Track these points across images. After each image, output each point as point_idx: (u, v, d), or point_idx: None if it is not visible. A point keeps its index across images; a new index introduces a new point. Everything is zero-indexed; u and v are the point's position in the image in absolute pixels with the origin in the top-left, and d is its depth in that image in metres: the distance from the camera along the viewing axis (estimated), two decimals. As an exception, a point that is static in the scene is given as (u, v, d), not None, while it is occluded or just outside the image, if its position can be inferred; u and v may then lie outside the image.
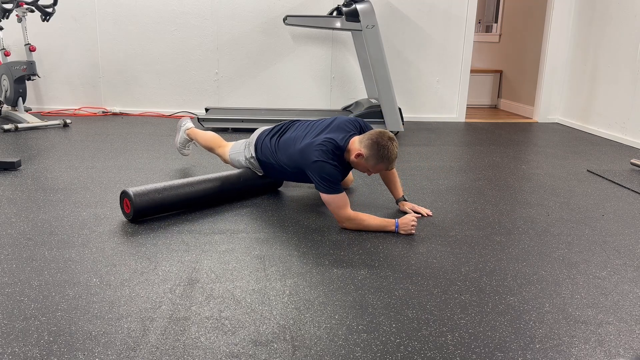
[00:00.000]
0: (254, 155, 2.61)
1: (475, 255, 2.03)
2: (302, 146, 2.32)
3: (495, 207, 2.62)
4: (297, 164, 2.36)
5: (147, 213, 2.28)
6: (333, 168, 2.22)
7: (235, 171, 2.64)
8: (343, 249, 2.06)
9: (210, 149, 2.94)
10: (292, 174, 2.49)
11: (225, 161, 2.85)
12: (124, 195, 2.25)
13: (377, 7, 4.60)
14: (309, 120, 2.56)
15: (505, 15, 6.43)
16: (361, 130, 2.41)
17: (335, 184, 2.22)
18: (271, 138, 2.54)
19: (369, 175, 2.42)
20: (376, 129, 2.31)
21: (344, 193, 2.24)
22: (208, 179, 2.48)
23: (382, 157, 2.22)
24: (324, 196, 2.23)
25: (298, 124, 2.56)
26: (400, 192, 2.56)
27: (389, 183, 2.57)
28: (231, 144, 2.83)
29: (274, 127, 2.63)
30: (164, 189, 2.32)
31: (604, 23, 4.63)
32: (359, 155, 2.24)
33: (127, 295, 1.64)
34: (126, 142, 3.80)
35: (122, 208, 2.29)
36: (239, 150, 2.72)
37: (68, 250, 1.96)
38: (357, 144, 2.26)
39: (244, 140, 2.78)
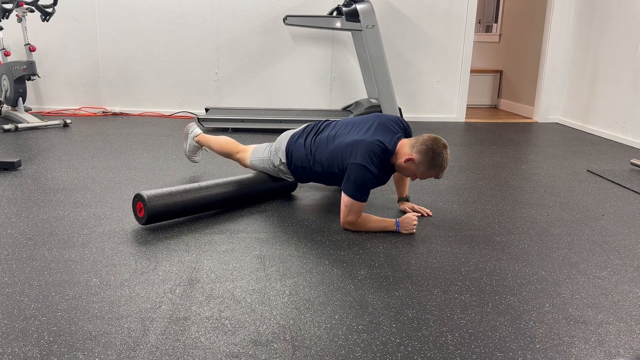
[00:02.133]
0: (284, 161, 2.47)
1: (475, 255, 2.03)
2: (351, 141, 2.20)
3: (495, 207, 2.62)
4: (336, 160, 2.24)
5: (161, 217, 2.21)
6: (372, 178, 2.14)
7: (249, 174, 2.57)
8: (343, 249, 2.06)
9: (227, 155, 2.79)
10: (322, 174, 2.38)
11: (246, 166, 2.71)
12: (137, 198, 2.17)
13: (377, 7, 4.60)
14: (345, 119, 2.45)
15: (505, 15, 6.43)
16: (405, 131, 2.33)
17: (365, 192, 2.16)
18: (305, 139, 2.42)
19: (412, 180, 2.30)
20: (427, 134, 2.20)
21: (365, 203, 2.18)
22: (223, 183, 2.41)
23: (435, 165, 2.13)
24: (347, 198, 2.16)
25: (334, 122, 2.45)
26: (405, 192, 2.55)
27: (398, 181, 2.54)
28: (251, 148, 2.69)
29: (304, 128, 2.50)
30: (179, 192, 2.24)
31: (604, 23, 4.63)
32: (409, 160, 2.14)
33: (127, 295, 1.64)
34: (126, 142, 3.80)
35: (134, 211, 2.21)
36: (263, 157, 2.58)
37: (68, 250, 1.96)
38: (408, 148, 2.16)
39: (266, 144, 2.64)
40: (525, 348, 1.43)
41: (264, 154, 2.59)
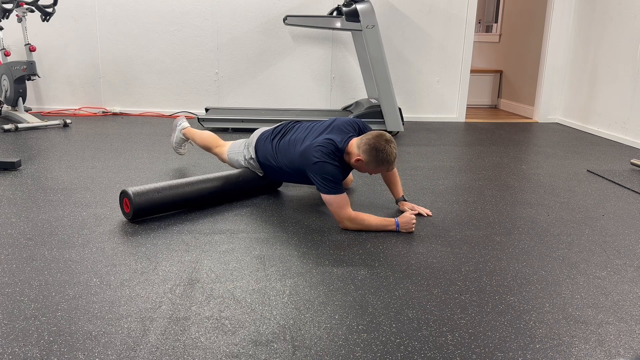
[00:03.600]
0: (253, 156, 2.61)
1: (475, 255, 2.03)
2: (302, 148, 2.32)
3: (495, 207, 2.62)
4: (298, 166, 2.36)
5: (147, 212, 2.28)
6: (334, 168, 2.23)
7: (235, 171, 2.64)
8: (343, 249, 2.06)
9: (207, 149, 2.94)
10: (293, 175, 2.49)
11: (223, 160, 2.85)
12: (123, 194, 2.25)
13: (377, 7, 4.60)
14: (309, 122, 2.56)
15: (505, 15, 6.43)
16: (359, 132, 2.40)
17: (337, 184, 2.22)
18: (272, 140, 2.54)
19: (370, 174, 2.41)
20: (373, 131, 2.30)
21: (345, 193, 2.24)
22: (208, 179, 2.49)
23: (381, 160, 2.22)
24: (325, 196, 2.23)
25: (298, 125, 2.56)
26: (401, 192, 2.56)
27: (389, 183, 2.57)
28: (229, 143, 2.83)
29: (274, 128, 2.62)
30: (164, 188, 2.32)
31: (604, 23, 4.63)
32: (358, 160, 2.24)
33: (127, 295, 1.64)
34: (126, 142, 3.80)
35: (121, 208, 2.29)
36: (238, 150, 2.72)
37: (68, 250, 1.96)
38: (356, 149, 2.25)
39: (242, 140, 2.78)
40: (525, 348, 1.43)
41: (239, 147, 2.73)
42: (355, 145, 2.26)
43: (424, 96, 5.20)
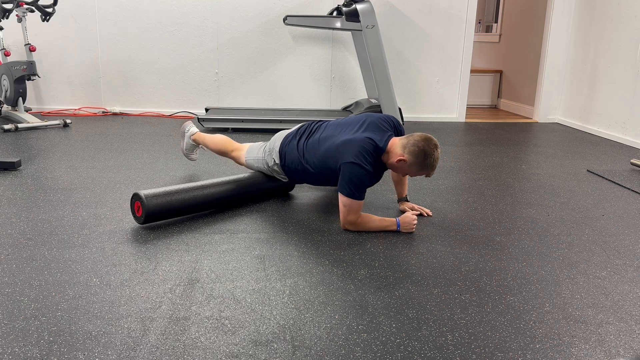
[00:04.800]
0: (278, 162, 2.49)
1: (475, 255, 2.03)
2: (341, 142, 2.21)
3: (495, 207, 2.62)
4: (327, 163, 2.26)
5: (159, 217, 2.22)
6: (366, 174, 2.15)
7: (246, 174, 2.58)
8: (343, 249, 2.06)
9: (223, 153, 2.83)
10: (317, 176, 2.39)
11: (241, 164, 2.74)
12: (135, 197, 2.18)
13: (377, 7, 4.60)
14: (336, 120, 2.46)
15: (505, 15, 6.43)
16: (395, 129, 2.33)
17: (361, 190, 2.16)
18: (298, 141, 2.44)
19: (403, 176, 2.38)
20: (419, 133, 2.20)
21: (363, 201, 2.19)
22: (221, 182, 2.42)
23: (427, 165, 2.15)
24: (344, 198, 2.17)
25: (325, 124, 2.46)
26: (405, 192, 2.56)
27: (397, 182, 2.55)
28: (246, 146, 2.72)
29: (297, 130, 2.52)
30: (177, 191, 2.25)
31: (604, 23, 4.63)
32: (401, 160, 2.16)
33: (127, 295, 1.64)
34: (126, 142, 3.80)
35: (132, 211, 2.22)
36: (258, 157, 2.61)
37: (68, 250, 1.96)
38: (400, 149, 2.16)
39: (260, 143, 2.68)
40: (525, 348, 1.43)
41: (258, 153, 2.62)
42: (400, 145, 2.17)
43: (424, 96, 5.20)
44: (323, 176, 2.36)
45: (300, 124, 2.58)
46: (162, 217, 2.23)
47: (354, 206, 2.17)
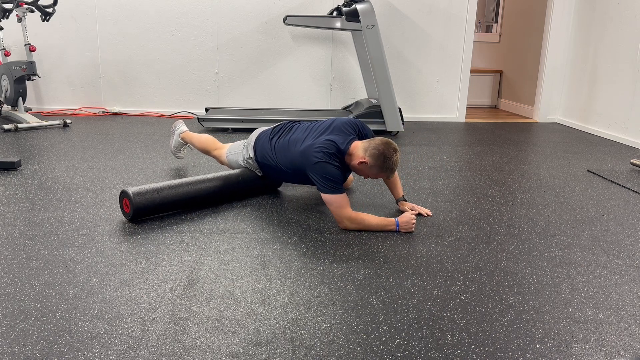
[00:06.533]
0: (252, 155, 2.62)
1: (475, 255, 2.03)
2: (303, 148, 2.32)
3: (495, 207, 2.62)
4: (298, 166, 2.36)
5: (147, 212, 2.28)
6: (335, 168, 2.23)
7: (235, 171, 2.64)
8: (343, 249, 2.06)
9: (206, 152, 2.95)
10: (292, 175, 2.49)
11: (222, 163, 2.86)
12: (123, 195, 2.25)
13: (377, 7, 4.60)
14: (308, 122, 2.56)
15: (505, 15, 6.43)
16: (359, 133, 2.42)
17: (337, 184, 2.23)
18: (271, 140, 2.54)
19: (365, 179, 2.47)
20: (379, 137, 2.30)
21: (345, 193, 2.24)
22: (208, 179, 2.49)
23: (386, 167, 2.25)
24: (326, 196, 2.24)
25: (297, 125, 2.56)
26: (401, 192, 2.56)
27: (389, 183, 2.57)
28: (227, 145, 2.84)
29: (273, 128, 2.62)
30: (163, 188, 2.32)
31: (604, 23, 4.63)
32: (362, 162, 2.25)
33: (127, 295, 1.64)
34: (126, 142, 3.80)
35: (121, 208, 2.29)
36: (237, 151, 2.73)
37: (68, 250, 1.96)
38: (361, 152, 2.26)
39: (241, 141, 2.78)
40: (525, 348, 1.43)
41: (237, 148, 2.75)
42: (362, 148, 2.26)
43: (424, 96, 5.20)
44: (297, 176, 2.46)
45: (277, 123, 2.68)
46: (149, 213, 2.30)
47: (339, 201, 2.22)
